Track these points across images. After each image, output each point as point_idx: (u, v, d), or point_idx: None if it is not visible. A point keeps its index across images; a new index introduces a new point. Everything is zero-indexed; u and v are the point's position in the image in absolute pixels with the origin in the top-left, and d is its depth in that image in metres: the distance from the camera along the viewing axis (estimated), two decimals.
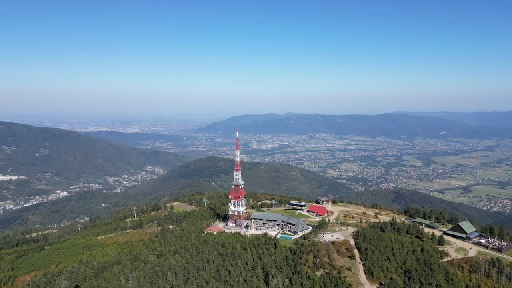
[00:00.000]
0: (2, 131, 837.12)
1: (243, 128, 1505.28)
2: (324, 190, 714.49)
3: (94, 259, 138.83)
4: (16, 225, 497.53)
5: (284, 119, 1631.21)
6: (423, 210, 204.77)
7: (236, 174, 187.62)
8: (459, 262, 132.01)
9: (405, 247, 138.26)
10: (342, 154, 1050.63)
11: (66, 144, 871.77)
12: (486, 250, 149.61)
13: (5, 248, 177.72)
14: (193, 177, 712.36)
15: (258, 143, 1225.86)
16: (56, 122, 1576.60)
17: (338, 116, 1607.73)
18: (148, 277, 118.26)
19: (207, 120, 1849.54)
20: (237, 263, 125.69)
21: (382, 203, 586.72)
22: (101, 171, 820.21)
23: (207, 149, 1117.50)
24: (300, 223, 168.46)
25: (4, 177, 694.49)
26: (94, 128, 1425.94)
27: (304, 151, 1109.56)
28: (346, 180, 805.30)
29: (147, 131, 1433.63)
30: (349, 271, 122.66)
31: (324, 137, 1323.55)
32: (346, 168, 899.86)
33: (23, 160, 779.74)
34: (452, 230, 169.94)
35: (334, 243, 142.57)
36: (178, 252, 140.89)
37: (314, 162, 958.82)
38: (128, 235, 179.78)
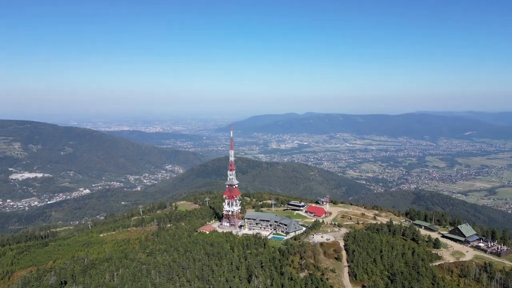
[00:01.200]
0: (28, 130, 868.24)
1: (263, 127, 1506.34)
2: (343, 191, 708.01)
3: (86, 256, 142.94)
4: (39, 221, 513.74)
5: (304, 118, 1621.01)
6: (425, 212, 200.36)
7: (230, 174, 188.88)
8: (449, 266, 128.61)
9: (395, 249, 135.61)
10: (363, 155, 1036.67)
11: (90, 143, 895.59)
12: (483, 254, 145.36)
13: (11, 244, 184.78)
14: (211, 176, 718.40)
15: (277, 143, 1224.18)
16: (81, 121, 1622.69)
17: (359, 115, 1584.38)
18: (132, 275, 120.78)
19: (227, 120, 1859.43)
20: (222, 263, 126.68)
21: (401, 204, 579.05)
22: (123, 170, 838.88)
23: (226, 148, 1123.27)
24: (293, 224, 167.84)
25: (30, 175, 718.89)
26: (117, 127, 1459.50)
27: (323, 151, 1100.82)
28: (366, 180, 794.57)
29: (168, 131, 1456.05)
30: (333, 273, 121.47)
31: (345, 137, 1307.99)
32: (366, 169, 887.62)
33: (48, 158, 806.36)
34: (451, 233, 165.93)
35: (323, 244, 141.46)
36: (167, 251, 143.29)
37: (334, 163, 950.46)
38: (128, 233, 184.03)
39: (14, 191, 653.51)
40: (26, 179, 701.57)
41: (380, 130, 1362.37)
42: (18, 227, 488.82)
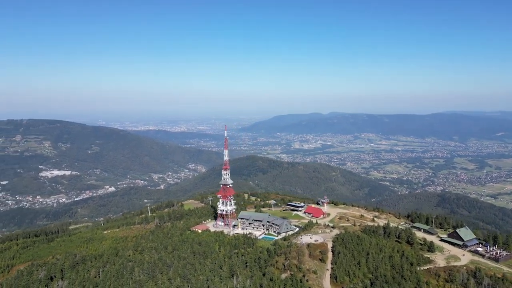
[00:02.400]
0: (58, 130, 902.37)
1: (286, 127, 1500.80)
2: (365, 192, 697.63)
3: (79, 252, 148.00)
4: (66, 218, 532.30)
5: (328, 118, 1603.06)
6: (426, 215, 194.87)
7: (224, 174, 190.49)
8: (437, 270, 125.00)
9: (383, 252, 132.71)
10: (388, 155, 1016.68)
11: (116, 142, 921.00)
12: (481, 259, 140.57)
13: (20, 238, 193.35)
14: (231, 175, 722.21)
15: (300, 143, 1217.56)
16: (109, 121, 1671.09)
17: (385, 115, 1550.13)
18: (117, 271, 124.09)
19: (250, 120, 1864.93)
20: (206, 262, 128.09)
21: (425, 207, 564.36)
22: (147, 168, 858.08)
23: (249, 148, 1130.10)
24: (284, 224, 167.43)
25: (58, 172, 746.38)
26: (143, 127, 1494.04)
27: (347, 151, 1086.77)
28: (390, 182, 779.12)
29: (193, 130, 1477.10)
30: (315, 274, 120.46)
31: (370, 137, 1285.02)
32: (391, 170, 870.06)
33: (76, 156, 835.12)
34: (450, 237, 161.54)
35: (310, 245, 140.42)
36: (156, 249, 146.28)
37: (357, 163, 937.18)
38: (129, 230, 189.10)
39: (44, 188, 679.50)
40: (55, 176, 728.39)
41: (407, 131, 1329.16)
42: (46, 222, 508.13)
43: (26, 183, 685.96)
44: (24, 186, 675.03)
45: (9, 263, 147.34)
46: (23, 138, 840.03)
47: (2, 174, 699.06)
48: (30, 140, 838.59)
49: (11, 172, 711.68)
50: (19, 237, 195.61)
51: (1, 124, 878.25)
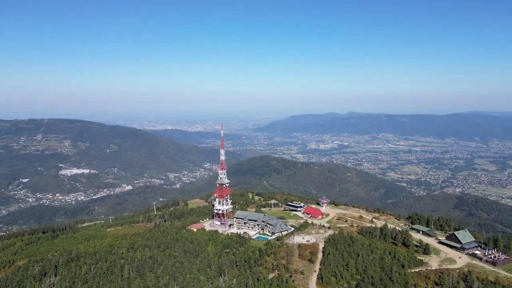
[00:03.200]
0: (78, 129, 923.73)
1: (302, 127, 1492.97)
2: (381, 193, 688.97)
3: (76, 249, 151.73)
4: (83, 215, 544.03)
5: (345, 118, 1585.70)
6: (427, 216, 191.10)
7: (221, 173, 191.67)
8: (428, 273, 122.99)
9: (374, 253, 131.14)
10: (406, 156, 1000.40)
11: (133, 141, 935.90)
12: (478, 263, 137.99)
13: (26, 235, 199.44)
14: (245, 175, 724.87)
15: (316, 143, 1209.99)
16: (128, 120, 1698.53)
17: (403, 115, 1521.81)
18: (107, 268, 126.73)
19: (266, 120, 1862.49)
20: (196, 260, 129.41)
21: (442, 209, 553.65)
22: (163, 167, 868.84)
23: (264, 148, 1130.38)
24: (279, 224, 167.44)
25: (77, 171, 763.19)
26: (161, 126, 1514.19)
27: (364, 152, 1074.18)
28: (407, 183, 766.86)
29: (209, 130, 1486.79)
30: (302, 274, 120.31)
31: (388, 138, 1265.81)
32: (409, 171, 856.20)
33: (95, 155, 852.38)
34: (448, 239, 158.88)
35: (300, 246, 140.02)
36: (150, 247, 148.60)
37: (374, 164, 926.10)
38: (131, 228, 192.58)
39: (63, 186, 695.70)
40: (74, 174, 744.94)
41: (426, 131, 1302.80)
42: (64, 220, 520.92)
43: (46, 181, 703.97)
44: (45, 184, 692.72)
45: (10, 258, 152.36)
46: (44, 137, 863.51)
47: (23, 172, 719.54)
48: (50, 139, 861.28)
49: (32, 170, 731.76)
50: (25, 234, 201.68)
51: (23, 123, 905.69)
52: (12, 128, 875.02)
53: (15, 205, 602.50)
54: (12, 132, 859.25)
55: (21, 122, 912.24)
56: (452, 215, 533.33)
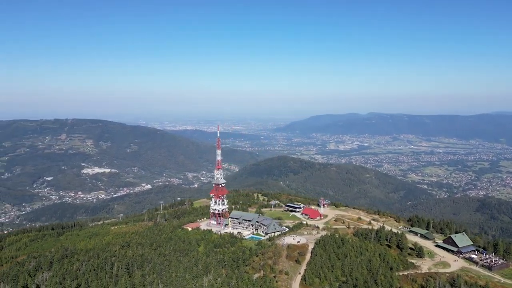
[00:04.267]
0: (100, 129, 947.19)
1: (322, 128, 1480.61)
2: (400, 195, 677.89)
3: (73, 246, 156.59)
4: (103, 213, 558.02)
5: (366, 119, 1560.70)
6: (427, 219, 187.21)
7: (217, 173, 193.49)
8: (415, 276, 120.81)
9: (363, 255, 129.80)
10: (428, 157, 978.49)
11: (153, 141, 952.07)
12: (473, 267, 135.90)
13: (36, 231, 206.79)
14: (262, 175, 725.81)
15: (336, 144, 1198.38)
16: (149, 120, 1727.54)
17: (426, 116, 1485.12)
18: (97, 265, 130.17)
19: (286, 120, 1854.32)
20: (184, 259, 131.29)
21: (463, 212, 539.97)
22: (182, 167, 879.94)
23: (283, 148, 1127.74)
24: (272, 225, 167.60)
25: (99, 170, 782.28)
26: (181, 126, 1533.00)
27: (385, 153, 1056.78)
28: (428, 185, 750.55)
29: (228, 130, 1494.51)
30: (286, 275, 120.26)
31: (409, 139, 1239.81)
32: (430, 173, 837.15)
33: (115, 155, 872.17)
34: (445, 243, 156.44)
35: (290, 246, 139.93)
36: (142, 245, 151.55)
37: (395, 165, 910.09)
38: (133, 226, 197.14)
39: (85, 185, 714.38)
40: (96, 173, 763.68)
41: (449, 132, 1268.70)
42: (84, 217, 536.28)
43: (69, 179, 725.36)
44: (67, 182, 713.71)
45: (13, 254, 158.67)
46: (68, 136, 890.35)
47: (48, 170, 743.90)
48: (74, 139, 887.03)
49: (56, 168, 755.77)
50: (32, 230, 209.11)
51: (48, 123, 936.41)
52: (38, 128, 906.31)
53: (39, 202, 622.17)
54: (38, 131, 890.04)
55: (47, 122, 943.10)
56: (473, 218, 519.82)
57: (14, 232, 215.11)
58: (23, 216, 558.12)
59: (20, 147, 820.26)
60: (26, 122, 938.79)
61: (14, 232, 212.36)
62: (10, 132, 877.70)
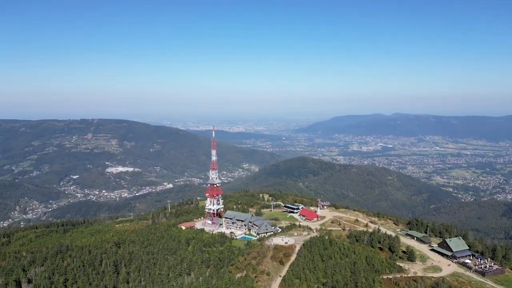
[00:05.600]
0: (124, 129, 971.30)
1: (345, 128, 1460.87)
2: (423, 198, 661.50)
3: (72, 242, 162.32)
4: (125, 211, 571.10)
5: (391, 119, 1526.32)
6: (427, 222, 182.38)
7: (212, 174, 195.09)
8: (398, 280, 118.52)
9: (348, 257, 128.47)
10: (454, 160, 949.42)
11: (176, 141, 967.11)
12: (465, 272, 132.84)
13: (44, 227, 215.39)
14: (281, 176, 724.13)
15: (359, 145, 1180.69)
16: (173, 121, 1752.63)
17: (453, 117, 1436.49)
18: (87, 261, 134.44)
19: (308, 120, 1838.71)
20: (170, 258, 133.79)
21: (489, 216, 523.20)
22: (203, 167, 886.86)
23: (304, 149, 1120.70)
24: (264, 225, 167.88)
25: (122, 169, 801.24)
26: (204, 127, 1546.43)
27: (409, 154, 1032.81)
28: (453, 188, 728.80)
29: (250, 131, 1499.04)
30: (267, 276, 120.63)
31: (435, 140, 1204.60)
32: (456, 175, 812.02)
33: (139, 154, 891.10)
34: (439, 247, 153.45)
35: (277, 247, 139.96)
36: (134, 242, 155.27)
37: (419, 167, 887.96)
38: (136, 225, 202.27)
39: (109, 183, 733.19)
40: (119, 172, 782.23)
41: (478, 133, 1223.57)
42: (107, 215, 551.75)
43: (94, 177, 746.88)
44: (92, 180, 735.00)
45: (17, 249, 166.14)
46: (94, 136, 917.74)
47: (74, 169, 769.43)
48: (99, 138, 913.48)
49: (82, 167, 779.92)
50: (40, 227, 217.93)
51: (75, 123, 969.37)
52: (66, 127, 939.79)
53: (64, 200, 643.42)
54: (65, 131, 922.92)
55: (74, 122, 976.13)
56: (499, 223, 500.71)
57: (23, 228, 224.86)
58: (50, 213, 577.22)
59: (49, 146, 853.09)
60: (54, 122, 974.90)
61: (23, 228, 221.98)
62: (39, 131, 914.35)
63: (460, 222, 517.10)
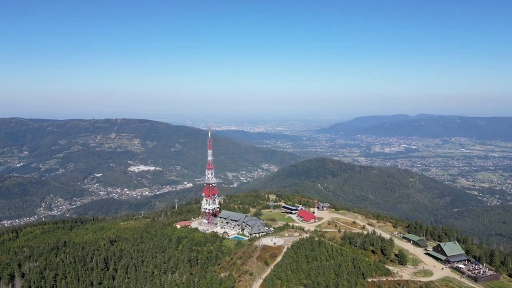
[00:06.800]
0: (147, 128, 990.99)
1: (367, 129, 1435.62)
2: (447, 201, 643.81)
3: (71, 239, 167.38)
4: (145, 209, 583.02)
5: (415, 120, 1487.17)
6: (426, 226, 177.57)
7: (208, 173, 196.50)
8: (382, 284, 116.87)
9: (334, 259, 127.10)
10: (481, 162, 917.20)
11: (196, 141, 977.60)
12: (457, 277, 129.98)
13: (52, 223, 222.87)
14: (300, 177, 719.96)
15: (381, 146, 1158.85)
16: (195, 121, 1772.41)
17: (480, 118, 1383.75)
18: (78, 258, 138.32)
19: (330, 121, 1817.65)
20: (159, 256, 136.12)
21: None
22: (223, 167, 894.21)
23: (325, 150, 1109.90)
24: (257, 225, 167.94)
25: (144, 168, 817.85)
26: (225, 127, 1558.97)
27: (433, 156, 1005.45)
28: (479, 191, 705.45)
29: (271, 131, 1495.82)
30: (250, 276, 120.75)
31: (461, 142, 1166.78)
32: (482, 178, 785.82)
33: (160, 153, 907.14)
34: (434, 251, 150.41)
35: (265, 248, 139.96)
36: (129, 240, 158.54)
37: (444, 170, 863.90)
38: (138, 222, 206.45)
39: (131, 181, 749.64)
40: (141, 171, 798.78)
41: (507, 135, 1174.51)
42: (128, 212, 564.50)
43: (116, 176, 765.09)
44: (115, 179, 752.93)
45: (22, 244, 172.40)
46: (117, 135, 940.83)
47: (98, 167, 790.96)
48: (122, 138, 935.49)
49: (105, 166, 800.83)
50: (48, 223, 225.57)
51: (100, 122, 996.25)
52: (90, 127, 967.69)
53: (88, 197, 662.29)
54: (90, 130, 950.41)
55: (98, 121, 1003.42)
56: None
57: (31, 224, 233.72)
58: (73, 210, 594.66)
59: (74, 145, 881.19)
60: (80, 121, 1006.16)
61: (32, 224, 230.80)
62: (65, 130, 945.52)
63: (484, 226, 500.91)
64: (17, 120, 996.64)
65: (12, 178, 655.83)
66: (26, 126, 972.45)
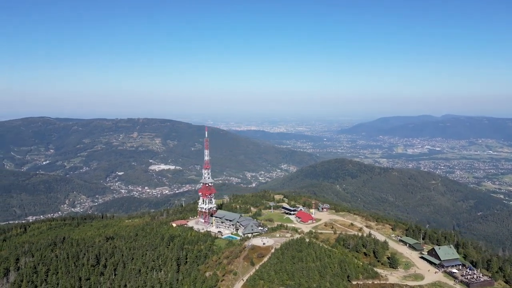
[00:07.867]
0: (168, 128, 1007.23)
1: (390, 130, 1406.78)
2: (470, 205, 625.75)
3: (69, 236, 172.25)
4: (164, 208, 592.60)
5: (440, 121, 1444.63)
6: (425, 229, 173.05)
7: (205, 173, 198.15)
8: (365, 287, 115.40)
9: (321, 261, 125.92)
10: (509, 165, 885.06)
11: (216, 141, 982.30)
12: (449, 282, 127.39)
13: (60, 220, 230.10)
14: (318, 178, 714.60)
15: (404, 147, 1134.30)
16: (217, 121, 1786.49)
17: (509, 119, 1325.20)
18: (72, 254, 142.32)
19: (352, 121, 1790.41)
20: (148, 253, 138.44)
21: None
22: (242, 167, 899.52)
23: (346, 150, 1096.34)
24: (250, 225, 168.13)
25: (165, 167, 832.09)
26: (245, 127, 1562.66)
27: (458, 158, 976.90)
28: (505, 195, 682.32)
29: (291, 131, 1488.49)
30: (234, 275, 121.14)
31: (489, 144, 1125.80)
32: (509, 181, 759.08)
33: (181, 153, 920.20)
34: (428, 254, 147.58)
35: (254, 248, 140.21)
36: (124, 237, 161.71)
37: (468, 172, 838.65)
38: (141, 221, 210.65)
39: (151, 180, 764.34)
40: (162, 170, 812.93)
41: None
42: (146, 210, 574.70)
43: (137, 174, 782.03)
44: (136, 177, 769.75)
45: (28, 240, 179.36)
46: (139, 135, 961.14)
47: (120, 166, 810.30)
48: (144, 137, 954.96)
49: (127, 164, 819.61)
50: (55, 220, 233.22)
51: (123, 122, 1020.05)
52: (113, 126, 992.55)
53: (110, 195, 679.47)
54: (113, 130, 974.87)
55: (121, 121, 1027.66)
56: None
57: (40, 220, 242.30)
58: (95, 207, 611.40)
59: (98, 144, 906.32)
60: (103, 120, 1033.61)
61: (40, 220, 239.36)
62: (89, 130, 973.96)
63: (508, 231, 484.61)
64: (44, 120, 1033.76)
65: (38, 175, 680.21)
66: (52, 125, 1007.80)
